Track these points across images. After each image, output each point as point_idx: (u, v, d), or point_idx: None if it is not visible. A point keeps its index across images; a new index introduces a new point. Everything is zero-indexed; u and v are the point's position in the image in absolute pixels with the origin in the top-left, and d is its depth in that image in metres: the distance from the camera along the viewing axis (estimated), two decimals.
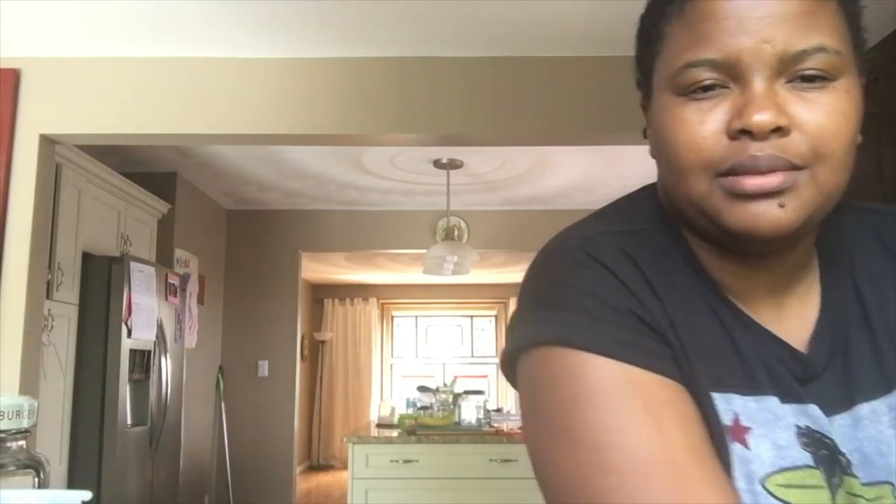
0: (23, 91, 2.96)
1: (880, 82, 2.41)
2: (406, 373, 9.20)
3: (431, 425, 3.83)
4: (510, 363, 0.60)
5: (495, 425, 3.97)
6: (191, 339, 4.66)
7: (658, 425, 0.50)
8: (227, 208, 5.69)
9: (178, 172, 4.67)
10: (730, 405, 0.56)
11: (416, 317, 9.38)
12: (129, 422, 3.46)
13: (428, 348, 9.37)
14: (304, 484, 7.53)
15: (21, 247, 2.88)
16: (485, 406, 4.14)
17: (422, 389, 4.53)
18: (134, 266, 3.52)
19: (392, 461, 3.63)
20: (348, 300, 9.06)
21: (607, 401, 0.51)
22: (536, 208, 5.64)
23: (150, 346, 3.68)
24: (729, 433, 0.55)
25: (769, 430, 0.56)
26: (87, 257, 3.46)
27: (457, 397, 4.11)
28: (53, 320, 3.17)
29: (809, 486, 0.55)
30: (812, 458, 0.55)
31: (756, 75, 0.53)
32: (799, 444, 0.56)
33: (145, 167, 4.49)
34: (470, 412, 3.96)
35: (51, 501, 0.76)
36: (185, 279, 4.27)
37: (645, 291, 0.57)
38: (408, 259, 6.77)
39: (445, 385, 4.40)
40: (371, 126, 2.98)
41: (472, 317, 9.35)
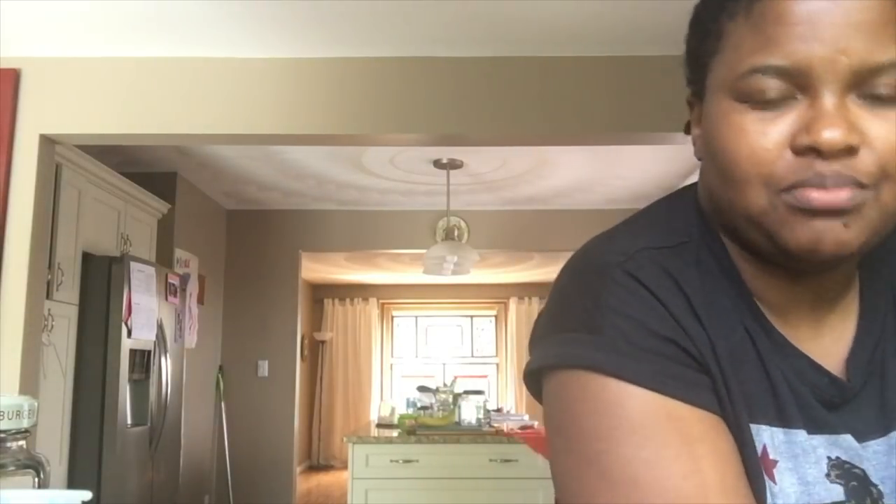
0: (23, 91, 2.96)
1: None
2: (406, 373, 9.20)
3: (431, 425, 3.83)
4: (536, 377, 0.59)
5: (495, 425, 3.97)
6: (191, 339, 4.65)
7: (695, 463, 0.49)
8: (227, 208, 5.69)
9: (178, 172, 4.67)
10: (759, 436, 0.55)
11: (416, 317, 9.38)
12: (129, 422, 3.46)
13: (428, 348, 9.37)
14: (304, 484, 7.53)
15: (21, 247, 2.88)
16: (485, 406, 4.14)
17: (422, 389, 4.53)
18: (134, 266, 3.52)
19: (392, 461, 3.63)
20: (348, 300, 9.06)
21: (643, 435, 0.50)
22: (536, 208, 5.64)
23: (150, 346, 3.68)
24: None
25: (796, 463, 0.55)
26: (87, 257, 3.46)
27: (457, 397, 4.11)
28: (53, 320, 3.17)
29: None
30: (843, 492, 0.54)
31: (827, 87, 0.49)
32: (829, 477, 0.54)
33: (145, 167, 4.49)
34: (470, 412, 3.96)
35: (51, 501, 0.76)
36: (185, 279, 4.27)
37: (688, 317, 0.55)
38: (408, 259, 6.76)
39: (445, 385, 4.40)
40: (371, 126, 2.98)
41: (472, 317, 9.35)
